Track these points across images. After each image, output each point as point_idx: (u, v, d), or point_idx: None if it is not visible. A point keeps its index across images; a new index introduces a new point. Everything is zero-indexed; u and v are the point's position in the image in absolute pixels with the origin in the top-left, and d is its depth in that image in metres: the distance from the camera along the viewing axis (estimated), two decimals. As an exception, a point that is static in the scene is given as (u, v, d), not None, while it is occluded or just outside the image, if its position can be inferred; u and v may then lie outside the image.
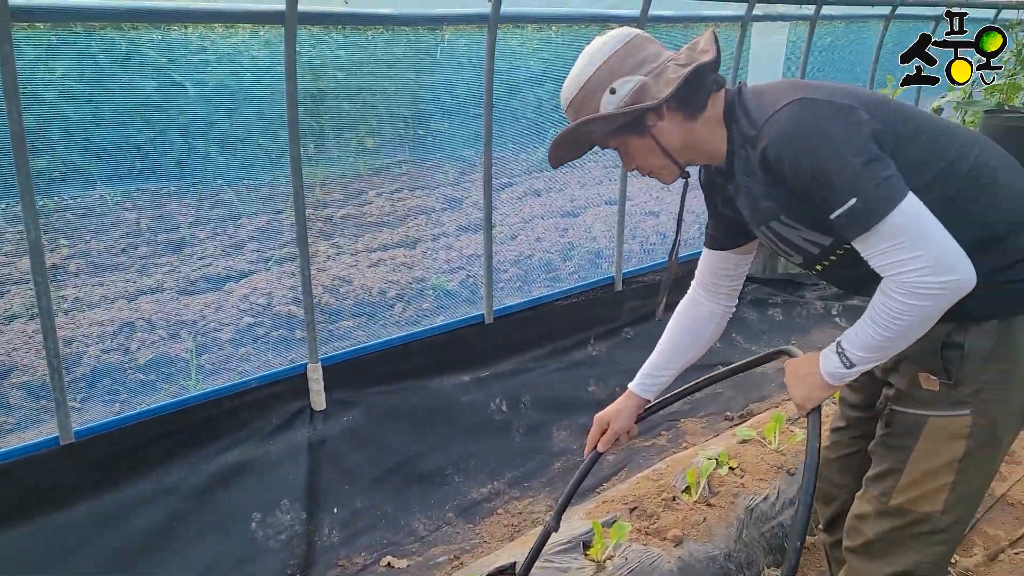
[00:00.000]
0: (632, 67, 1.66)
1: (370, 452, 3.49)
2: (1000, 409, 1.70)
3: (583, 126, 1.69)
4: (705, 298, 2.06)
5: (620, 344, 4.68)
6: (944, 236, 1.50)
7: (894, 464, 1.80)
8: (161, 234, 5.76)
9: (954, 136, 1.68)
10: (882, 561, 1.83)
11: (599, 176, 7.91)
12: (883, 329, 1.57)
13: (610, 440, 2.17)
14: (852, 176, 1.50)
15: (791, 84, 1.69)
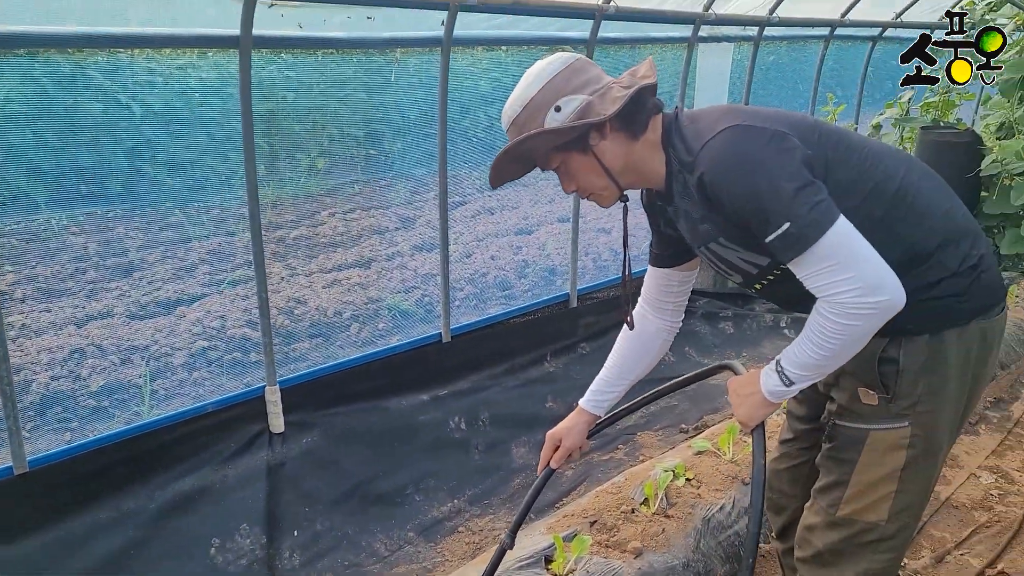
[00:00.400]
0: (576, 87, 1.69)
1: (330, 474, 3.47)
2: (936, 419, 1.76)
3: (528, 141, 1.70)
4: (652, 314, 2.10)
5: (576, 360, 4.73)
6: (874, 257, 1.55)
7: (840, 477, 1.85)
8: (109, 258, 5.67)
9: (881, 157, 1.73)
10: (832, 570, 1.88)
11: (551, 194, 7.98)
12: (819, 348, 1.62)
13: (562, 457, 2.20)
14: (785, 202, 1.54)
15: (725, 110, 1.73)
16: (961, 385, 1.77)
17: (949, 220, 1.74)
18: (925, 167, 1.82)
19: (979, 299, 1.73)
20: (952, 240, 1.71)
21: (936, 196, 1.75)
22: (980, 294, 1.73)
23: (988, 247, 1.79)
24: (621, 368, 2.13)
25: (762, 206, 1.56)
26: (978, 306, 1.73)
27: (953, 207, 1.77)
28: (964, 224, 1.76)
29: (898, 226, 1.69)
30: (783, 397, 1.76)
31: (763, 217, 1.57)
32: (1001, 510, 3.42)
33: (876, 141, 1.82)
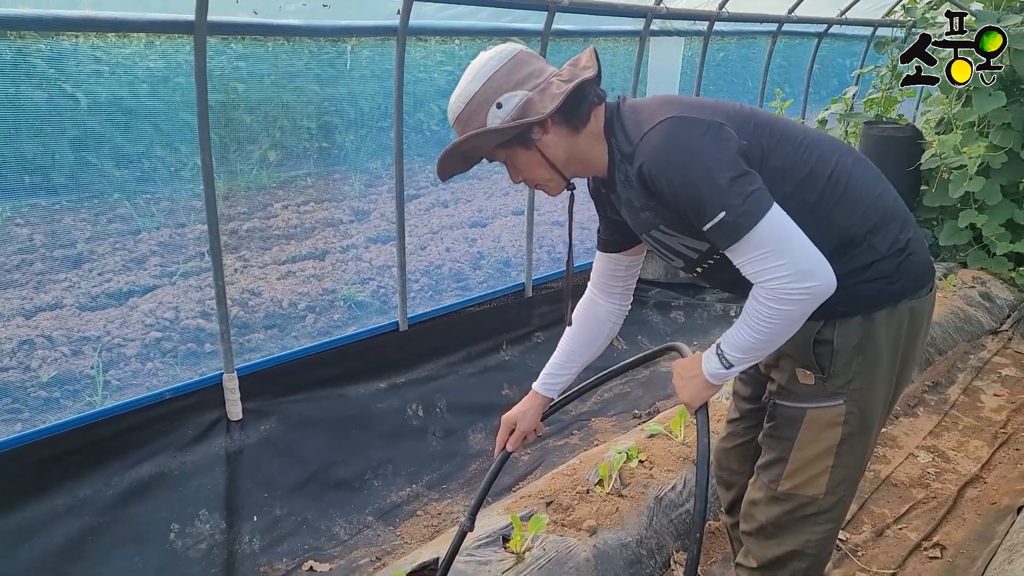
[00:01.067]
0: (517, 82, 1.72)
1: (288, 460, 3.49)
2: (869, 396, 1.85)
3: (471, 140, 1.74)
4: (601, 298, 2.16)
5: (531, 348, 4.79)
6: (806, 245, 1.62)
7: (780, 454, 1.94)
8: (57, 250, 5.57)
9: (815, 145, 1.80)
10: (775, 542, 1.97)
11: (505, 187, 8.01)
12: (755, 332, 1.69)
13: (518, 440, 2.25)
14: (720, 192, 1.60)
15: (665, 101, 1.78)
16: (892, 363, 1.86)
17: (880, 205, 1.81)
18: (858, 154, 1.89)
19: (908, 281, 1.81)
20: (883, 224, 1.79)
21: (868, 182, 1.83)
22: (909, 276, 1.81)
23: (916, 230, 1.87)
24: (572, 351, 2.19)
25: (698, 196, 1.62)
26: (907, 287, 1.82)
27: (884, 192, 1.84)
28: (894, 208, 1.83)
29: (831, 211, 1.76)
30: (724, 379, 1.83)
31: (699, 207, 1.63)
32: (937, 487, 3.57)
33: (811, 129, 1.88)
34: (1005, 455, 3.87)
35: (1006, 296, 5.75)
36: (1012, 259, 5.95)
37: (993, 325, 5.42)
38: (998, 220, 5.78)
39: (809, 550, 1.95)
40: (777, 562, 1.98)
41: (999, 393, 4.56)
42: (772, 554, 1.98)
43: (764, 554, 2.00)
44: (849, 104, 6.89)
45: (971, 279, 5.77)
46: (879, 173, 1.89)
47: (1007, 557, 2.80)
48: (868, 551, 3.11)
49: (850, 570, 2.99)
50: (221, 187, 4.80)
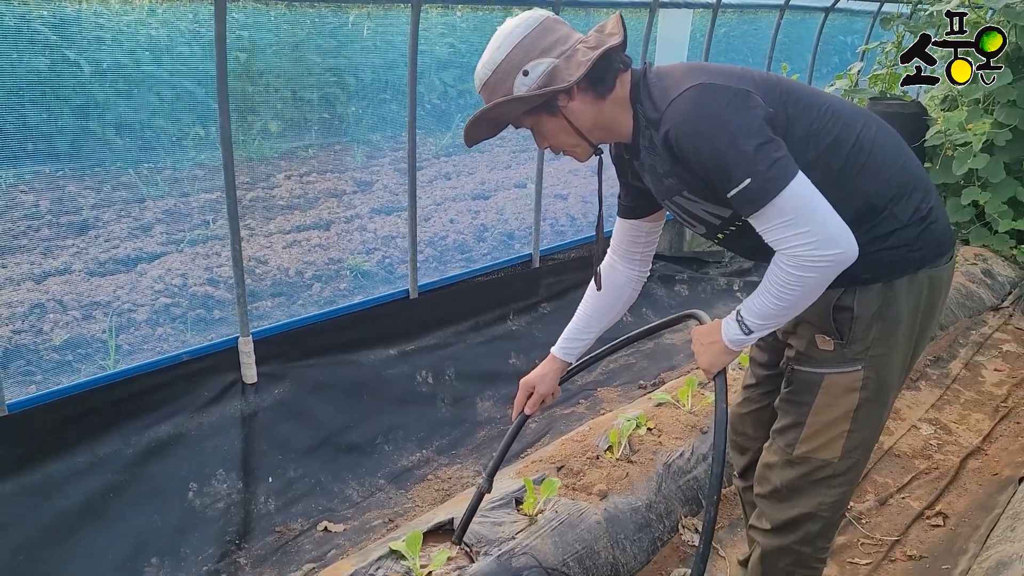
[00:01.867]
0: (544, 49, 1.73)
1: (302, 423, 3.53)
2: (887, 362, 1.87)
3: (497, 108, 1.75)
4: (621, 264, 2.18)
5: (538, 319, 4.83)
6: (829, 213, 1.64)
7: (797, 418, 1.96)
8: (63, 216, 5.59)
9: (840, 113, 1.80)
10: (788, 504, 2.00)
11: (507, 160, 8.03)
12: (776, 298, 1.71)
13: (536, 403, 2.28)
14: (746, 159, 1.61)
15: (692, 67, 1.79)
16: (911, 330, 1.88)
17: (903, 173, 1.82)
18: (882, 122, 1.90)
19: (928, 249, 1.83)
20: (905, 193, 1.80)
21: (892, 150, 1.84)
22: (929, 244, 1.82)
23: (938, 199, 1.89)
24: (591, 317, 2.21)
25: (724, 163, 1.64)
26: (927, 255, 1.83)
27: (907, 161, 1.86)
28: (916, 177, 1.85)
29: (855, 179, 1.77)
30: (743, 345, 1.86)
31: (725, 173, 1.65)
32: (940, 458, 3.63)
33: (835, 97, 1.89)
34: (1006, 428, 3.93)
35: (1007, 273, 5.80)
36: (1014, 237, 5.99)
37: (994, 302, 5.47)
38: (1001, 198, 5.81)
39: (822, 512, 1.98)
40: (790, 524, 2.01)
41: (1000, 368, 4.62)
42: (786, 516, 2.01)
43: (778, 516, 2.03)
44: (854, 80, 6.89)
45: (973, 256, 5.81)
46: (902, 141, 1.90)
47: (1009, 524, 2.86)
48: (872, 519, 3.17)
49: (854, 537, 3.05)
50: (223, 157, 4.81)
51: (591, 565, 2.63)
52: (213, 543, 2.99)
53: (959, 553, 2.91)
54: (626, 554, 2.75)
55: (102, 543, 2.84)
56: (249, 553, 3.01)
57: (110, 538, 2.86)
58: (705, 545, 1.93)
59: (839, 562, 2.91)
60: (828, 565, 2.86)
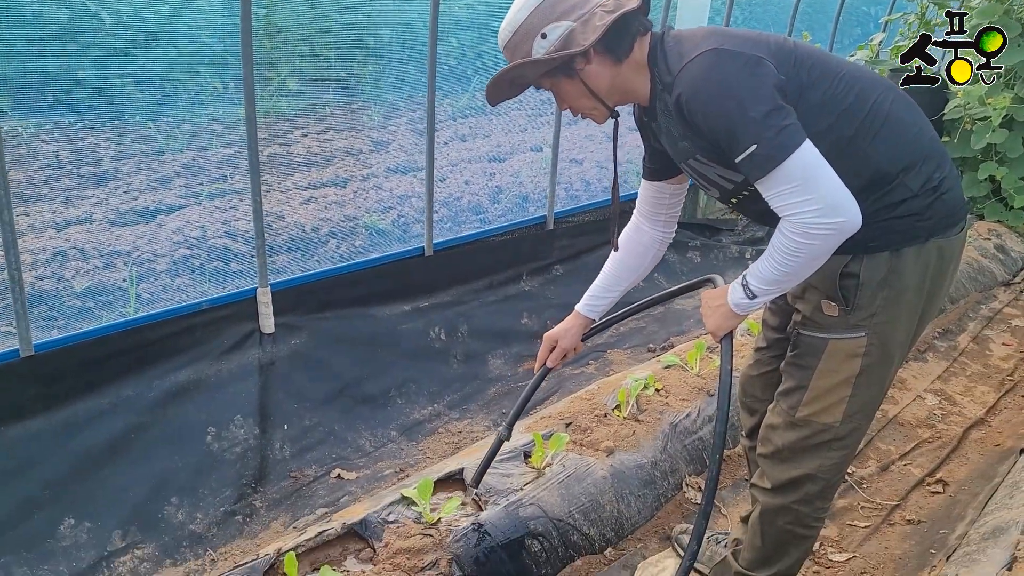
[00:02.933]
0: (562, 12, 1.76)
1: (317, 374, 3.61)
2: (891, 330, 1.90)
3: (516, 69, 1.80)
4: (646, 226, 2.22)
5: (551, 280, 4.88)
6: (834, 181, 1.66)
7: (800, 381, 2.00)
8: (83, 167, 5.65)
9: (856, 80, 1.80)
10: (789, 465, 2.05)
11: (523, 124, 8.02)
12: (780, 264, 1.74)
13: (559, 356, 2.35)
14: (753, 125, 1.64)
15: (709, 32, 1.81)
16: (917, 299, 1.90)
17: (916, 143, 1.83)
18: (900, 92, 1.90)
19: (938, 219, 1.84)
20: (917, 162, 1.81)
21: (906, 120, 1.84)
22: (939, 215, 1.84)
23: (952, 169, 1.90)
24: (617, 275, 2.26)
25: (732, 128, 1.67)
26: (937, 226, 1.85)
27: (921, 131, 1.86)
28: (930, 147, 1.85)
29: (867, 147, 1.78)
30: (747, 310, 1.90)
31: (732, 138, 1.68)
32: (943, 428, 3.68)
33: (853, 64, 1.89)
34: (1011, 401, 3.97)
35: (1020, 249, 5.80)
36: (1029, 213, 5.99)
37: (1006, 277, 5.49)
38: (1018, 173, 5.79)
39: (822, 474, 2.02)
40: (791, 484, 2.06)
41: (1008, 343, 4.65)
42: (786, 476, 2.06)
43: (779, 476, 2.07)
44: (875, 51, 6.84)
45: (987, 231, 5.82)
46: (919, 112, 1.90)
47: (1008, 493, 2.91)
48: (873, 484, 3.23)
49: (855, 500, 3.11)
50: (239, 112, 4.89)
51: (596, 518, 2.71)
52: (230, 485, 3.08)
53: (957, 519, 2.97)
54: (630, 509, 2.83)
55: (124, 481, 2.93)
56: (264, 496, 3.10)
57: (132, 477, 2.95)
58: (707, 502, 1.99)
59: (839, 524, 2.98)
60: (828, 526, 2.94)
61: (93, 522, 2.80)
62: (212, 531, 2.91)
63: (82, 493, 2.85)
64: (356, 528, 2.44)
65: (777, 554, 2.16)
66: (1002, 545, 2.40)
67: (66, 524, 2.77)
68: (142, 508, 2.89)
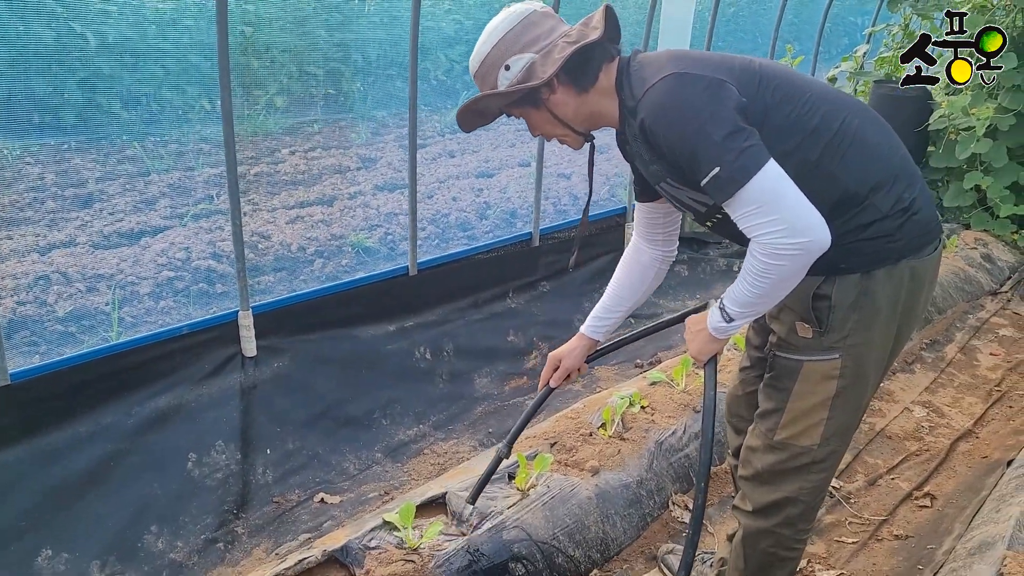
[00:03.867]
0: (525, 45, 1.80)
1: (300, 397, 3.58)
2: (865, 352, 1.88)
3: (481, 101, 1.84)
4: (645, 246, 2.22)
5: (537, 297, 4.87)
6: (800, 201, 1.65)
7: (777, 404, 1.98)
8: (68, 189, 5.64)
9: (822, 102, 1.80)
10: (770, 488, 2.03)
11: (512, 139, 8.04)
12: (752, 286, 1.74)
13: (561, 376, 2.33)
14: (715, 148, 1.65)
15: (672, 56, 1.82)
16: (890, 320, 1.88)
17: (885, 164, 1.81)
18: (869, 113, 1.89)
19: (909, 240, 1.82)
20: (886, 183, 1.79)
21: (874, 141, 1.82)
22: (910, 235, 1.82)
23: (924, 190, 1.88)
24: (619, 296, 2.26)
25: (694, 151, 1.68)
26: (908, 247, 1.83)
27: (891, 151, 1.85)
28: (900, 168, 1.83)
29: (834, 169, 1.77)
30: (727, 333, 1.89)
31: (695, 162, 1.68)
32: (931, 440, 3.67)
33: (821, 85, 1.89)
34: (998, 412, 3.96)
35: (1007, 258, 5.81)
36: (1015, 222, 5.99)
37: (993, 286, 5.49)
38: (1003, 182, 5.81)
39: (803, 497, 2.01)
40: (772, 507, 2.04)
41: (995, 352, 4.64)
42: (767, 499, 2.04)
43: (760, 499, 2.06)
44: (860, 62, 6.87)
45: (973, 240, 5.82)
46: (889, 131, 1.89)
47: (995, 507, 2.89)
48: (860, 499, 3.22)
49: (843, 516, 3.10)
50: (224, 132, 4.88)
51: (581, 539, 2.68)
52: (211, 512, 3.05)
53: (945, 533, 2.95)
54: (616, 529, 2.81)
55: (103, 510, 2.90)
56: (247, 522, 3.07)
57: (111, 505, 2.92)
58: (694, 531, 1.99)
59: (827, 540, 2.96)
60: (816, 543, 2.92)
61: (71, 552, 2.76)
62: (193, 559, 2.87)
63: (60, 523, 2.82)
64: (337, 555, 2.42)
65: (762, 576, 2.14)
66: (988, 560, 2.39)
67: (44, 555, 2.74)
68: (121, 537, 2.85)
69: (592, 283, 5.16)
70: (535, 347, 4.53)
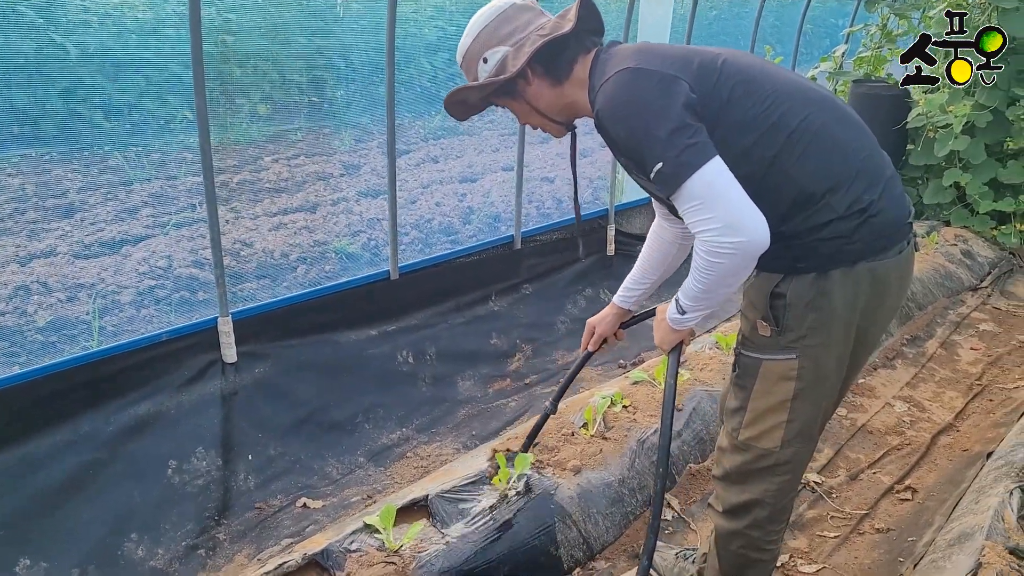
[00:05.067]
0: (501, 38, 1.87)
1: (282, 402, 3.57)
2: (822, 353, 1.87)
3: (460, 93, 1.91)
4: (665, 223, 2.30)
5: (520, 300, 4.87)
6: (738, 200, 1.66)
7: (741, 402, 1.99)
8: (49, 199, 5.62)
9: (786, 99, 1.78)
10: (738, 488, 2.04)
11: (496, 143, 8.05)
12: (697, 282, 1.77)
13: (598, 341, 2.50)
14: (658, 144, 1.67)
15: (634, 50, 1.84)
16: (848, 322, 1.87)
17: (845, 164, 1.79)
18: (840, 110, 1.87)
19: (866, 242, 1.80)
20: (844, 184, 1.77)
21: (837, 140, 1.80)
22: (868, 238, 1.79)
23: (889, 189, 1.84)
24: (645, 269, 2.37)
25: (639, 146, 1.71)
26: (866, 249, 1.80)
27: (855, 151, 1.81)
28: (861, 168, 1.80)
29: (791, 167, 1.76)
30: (682, 325, 1.95)
31: (641, 156, 1.72)
32: (912, 434, 3.69)
33: (791, 81, 1.85)
34: (979, 405, 3.99)
35: (987, 254, 5.85)
36: (994, 218, 6.04)
37: (973, 282, 5.52)
38: (982, 179, 5.85)
39: (768, 499, 2.00)
40: (741, 508, 2.04)
41: (976, 347, 4.67)
42: (736, 500, 2.04)
43: (730, 499, 2.06)
44: (838, 63, 6.92)
45: (953, 237, 5.86)
46: (859, 129, 1.87)
47: (974, 498, 2.90)
48: (842, 493, 3.23)
49: (824, 511, 3.11)
50: (211, 140, 4.88)
51: (563, 539, 2.68)
52: (192, 519, 3.03)
53: (925, 526, 2.97)
54: (598, 528, 2.81)
55: (83, 518, 2.88)
56: (228, 529, 3.05)
57: (91, 514, 2.90)
58: (655, 517, 2.04)
59: (809, 535, 2.97)
60: (798, 538, 2.94)
61: (50, 562, 2.74)
62: (174, 566, 2.86)
63: (38, 532, 2.79)
64: (318, 558, 2.41)
65: (737, 575, 2.15)
66: (967, 551, 2.40)
67: (21, 565, 2.71)
68: (101, 545, 2.83)
69: (575, 285, 5.16)
70: (518, 349, 4.53)
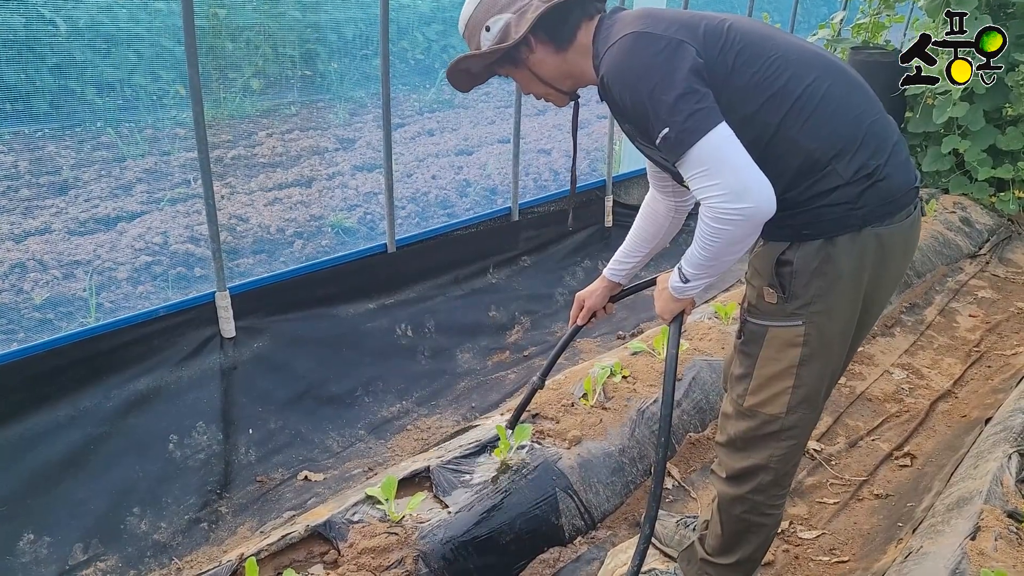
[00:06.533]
0: (504, 6, 1.84)
1: (281, 376, 3.57)
2: (828, 320, 1.86)
3: (463, 62, 1.89)
4: (659, 195, 2.27)
5: (518, 271, 4.86)
6: (744, 166, 1.65)
7: (747, 369, 1.98)
8: (43, 177, 5.59)
9: (790, 64, 1.76)
10: (742, 455, 2.03)
11: (491, 116, 8.01)
12: (702, 249, 1.75)
13: (587, 315, 2.47)
14: (665, 109, 1.65)
15: (639, 15, 1.81)
16: (855, 288, 1.86)
17: (851, 129, 1.77)
18: (846, 74, 1.84)
19: (872, 208, 1.78)
20: (850, 149, 1.75)
21: (843, 105, 1.78)
22: (874, 203, 1.78)
23: (895, 156, 1.82)
24: (637, 242, 2.34)
25: (645, 112, 1.69)
26: (872, 214, 1.79)
27: (860, 116, 1.80)
28: (867, 133, 1.78)
29: (796, 133, 1.74)
30: (684, 293, 1.93)
31: (647, 122, 1.70)
32: (911, 402, 3.70)
33: (794, 46, 1.83)
34: (977, 372, 4.00)
35: (985, 221, 5.84)
36: (993, 184, 6.02)
37: (972, 249, 5.52)
38: (980, 146, 5.83)
39: (773, 464, 2.00)
40: (744, 474, 2.04)
41: (974, 314, 4.68)
42: (740, 466, 2.04)
43: (733, 465, 2.06)
44: (836, 29, 6.86)
45: (952, 204, 5.85)
46: (866, 95, 1.85)
47: (972, 463, 2.92)
48: (841, 460, 3.25)
49: (824, 477, 3.12)
50: (205, 115, 4.84)
51: (564, 508, 2.69)
52: (194, 493, 3.04)
53: (924, 491, 2.98)
54: (599, 497, 2.82)
55: (84, 494, 2.88)
56: (230, 502, 3.06)
57: (92, 489, 2.90)
58: (656, 484, 2.04)
59: (808, 502, 2.99)
60: (797, 504, 2.95)
61: (53, 536, 2.75)
62: (177, 539, 2.87)
63: (41, 507, 2.80)
64: (320, 529, 2.42)
65: (738, 541, 2.15)
66: (966, 515, 2.42)
67: (25, 539, 2.73)
68: (104, 520, 2.84)
69: (572, 257, 5.15)
70: (517, 322, 4.52)
